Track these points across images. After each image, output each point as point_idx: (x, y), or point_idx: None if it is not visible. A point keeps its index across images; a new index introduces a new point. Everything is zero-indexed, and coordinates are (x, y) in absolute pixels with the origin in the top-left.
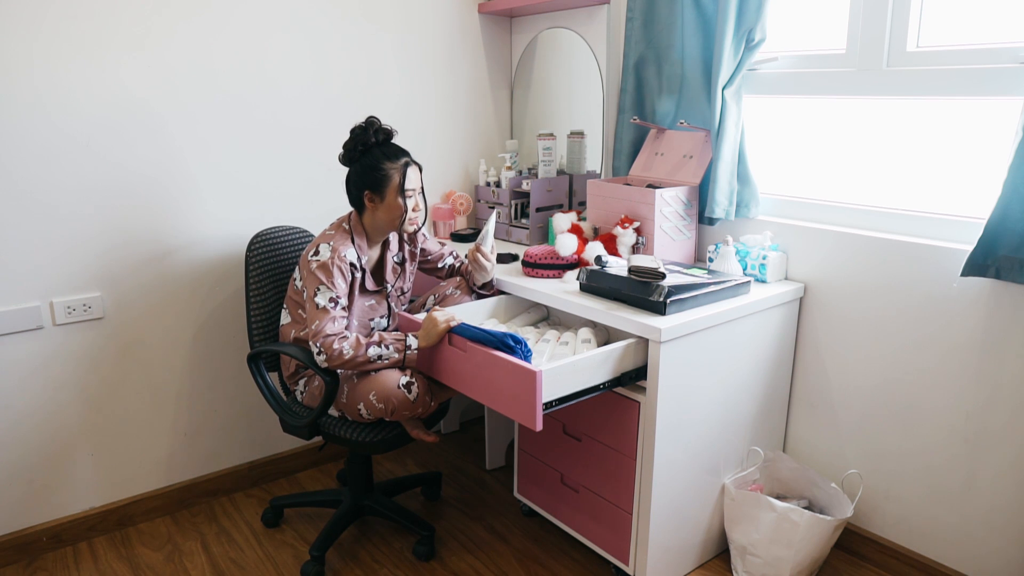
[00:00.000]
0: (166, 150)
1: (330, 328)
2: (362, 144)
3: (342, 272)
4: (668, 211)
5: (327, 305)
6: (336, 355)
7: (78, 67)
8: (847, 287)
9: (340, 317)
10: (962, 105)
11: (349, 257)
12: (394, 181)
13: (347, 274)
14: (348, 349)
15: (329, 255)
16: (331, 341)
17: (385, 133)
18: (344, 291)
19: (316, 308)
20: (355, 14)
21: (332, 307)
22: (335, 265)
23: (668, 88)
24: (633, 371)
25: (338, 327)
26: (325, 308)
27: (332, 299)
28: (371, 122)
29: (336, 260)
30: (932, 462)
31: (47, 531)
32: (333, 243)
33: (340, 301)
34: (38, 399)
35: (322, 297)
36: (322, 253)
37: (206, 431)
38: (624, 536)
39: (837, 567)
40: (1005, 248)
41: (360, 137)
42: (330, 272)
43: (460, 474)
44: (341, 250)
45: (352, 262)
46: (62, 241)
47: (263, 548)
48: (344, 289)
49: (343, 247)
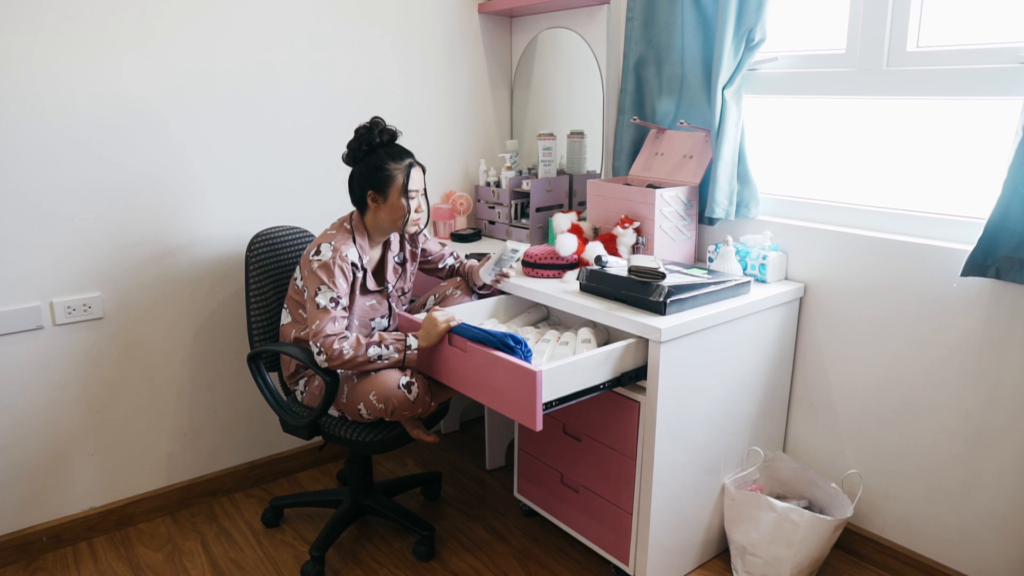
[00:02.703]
0: (167, 150)
1: (330, 328)
2: (367, 144)
3: (343, 272)
4: (668, 211)
5: (328, 305)
6: (336, 355)
7: (78, 67)
8: (847, 287)
9: (341, 317)
10: (962, 105)
11: (351, 257)
12: (398, 182)
13: (348, 274)
14: (348, 349)
15: (331, 255)
16: (331, 341)
17: (390, 134)
18: (345, 291)
19: (317, 308)
20: (355, 14)
21: (333, 307)
22: (336, 264)
23: (668, 88)
24: (633, 371)
25: (339, 327)
26: (326, 308)
27: (333, 299)
28: (376, 122)
29: (338, 259)
30: (932, 462)
31: (47, 531)
32: (335, 243)
33: (341, 301)
34: (38, 399)
35: (323, 297)
36: (323, 252)
37: (206, 431)
38: (624, 536)
39: (837, 567)
40: (1005, 248)
41: (365, 137)
42: (331, 272)
43: (460, 474)
44: (343, 250)
45: (354, 262)
46: (62, 241)
47: (263, 548)
48: (345, 289)
49: (345, 247)
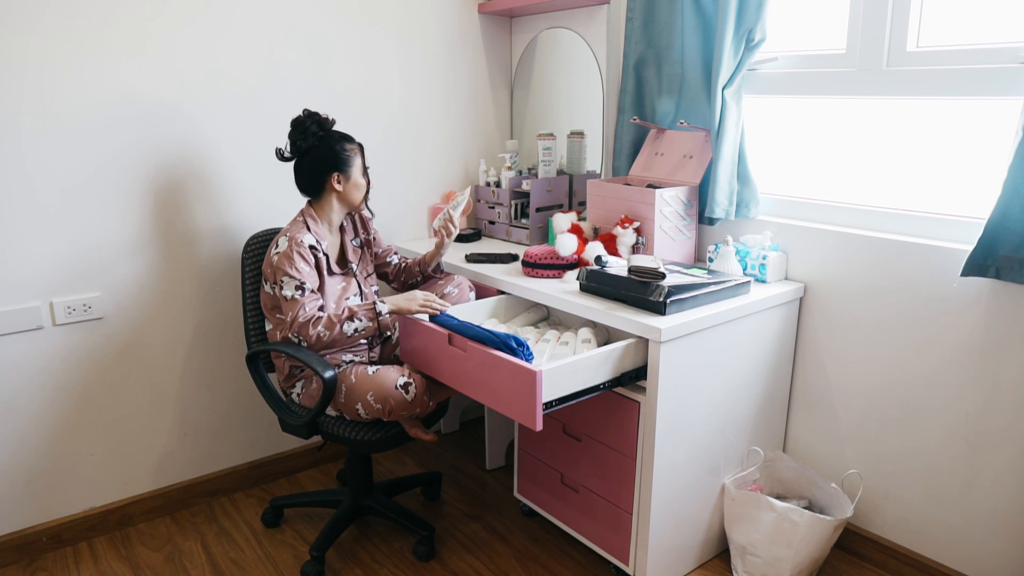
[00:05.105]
0: (166, 150)
1: (302, 315)
2: (320, 130)
3: (302, 256)
4: (668, 211)
5: (295, 295)
6: (315, 339)
7: (78, 66)
8: (847, 287)
9: (311, 301)
10: (962, 105)
11: (307, 241)
12: (358, 160)
13: (308, 256)
14: (324, 331)
15: (287, 245)
16: (306, 328)
17: (331, 121)
18: (309, 274)
19: (286, 301)
20: (355, 14)
21: (300, 295)
22: (295, 252)
23: (668, 88)
24: (633, 371)
25: (310, 311)
26: (294, 298)
27: (298, 286)
28: (315, 112)
29: (294, 246)
30: (932, 462)
31: (47, 531)
32: (289, 233)
33: (306, 285)
34: (38, 399)
35: (288, 288)
36: (280, 245)
37: (206, 431)
38: (624, 536)
39: (837, 567)
40: (1005, 248)
41: (313, 126)
42: (291, 259)
43: (460, 474)
44: (298, 236)
45: (311, 244)
46: (62, 241)
47: (263, 548)
48: (308, 272)
49: (299, 234)
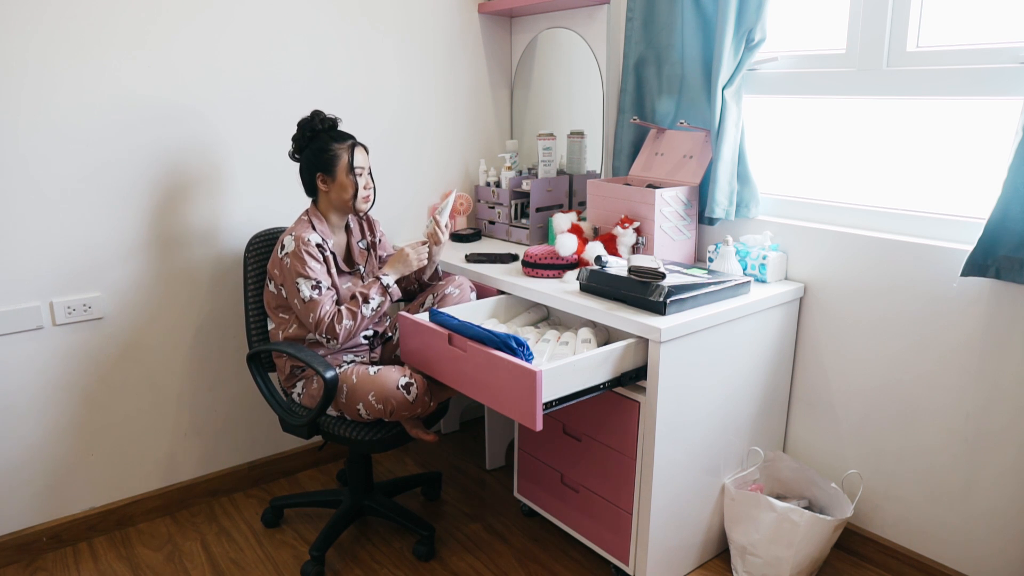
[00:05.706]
0: (166, 151)
1: (325, 315)
2: (310, 131)
3: (311, 255)
4: (668, 211)
5: (313, 295)
6: (344, 333)
7: (77, 65)
8: (847, 287)
9: (328, 299)
10: (962, 105)
11: (313, 240)
12: (343, 160)
13: (317, 254)
14: (348, 322)
15: (294, 244)
16: (333, 327)
17: (331, 121)
18: (322, 271)
19: (304, 303)
20: (355, 14)
21: (317, 294)
22: (303, 251)
23: (668, 88)
24: (633, 371)
25: (331, 309)
26: (313, 299)
27: (314, 286)
28: (316, 112)
29: (301, 245)
30: (932, 462)
31: (47, 531)
32: (295, 233)
33: (322, 283)
34: (38, 399)
35: (305, 289)
36: (287, 245)
37: (206, 431)
38: (624, 536)
39: (837, 567)
40: (1005, 248)
41: (307, 126)
42: (301, 258)
43: (460, 474)
44: (304, 236)
45: (318, 243)
46: (62, 241)
47: (263, 548)
48: (321, 269)
49: (305, 233)
